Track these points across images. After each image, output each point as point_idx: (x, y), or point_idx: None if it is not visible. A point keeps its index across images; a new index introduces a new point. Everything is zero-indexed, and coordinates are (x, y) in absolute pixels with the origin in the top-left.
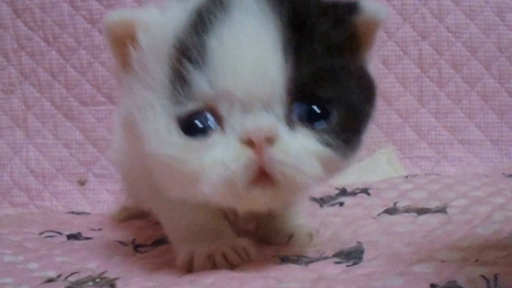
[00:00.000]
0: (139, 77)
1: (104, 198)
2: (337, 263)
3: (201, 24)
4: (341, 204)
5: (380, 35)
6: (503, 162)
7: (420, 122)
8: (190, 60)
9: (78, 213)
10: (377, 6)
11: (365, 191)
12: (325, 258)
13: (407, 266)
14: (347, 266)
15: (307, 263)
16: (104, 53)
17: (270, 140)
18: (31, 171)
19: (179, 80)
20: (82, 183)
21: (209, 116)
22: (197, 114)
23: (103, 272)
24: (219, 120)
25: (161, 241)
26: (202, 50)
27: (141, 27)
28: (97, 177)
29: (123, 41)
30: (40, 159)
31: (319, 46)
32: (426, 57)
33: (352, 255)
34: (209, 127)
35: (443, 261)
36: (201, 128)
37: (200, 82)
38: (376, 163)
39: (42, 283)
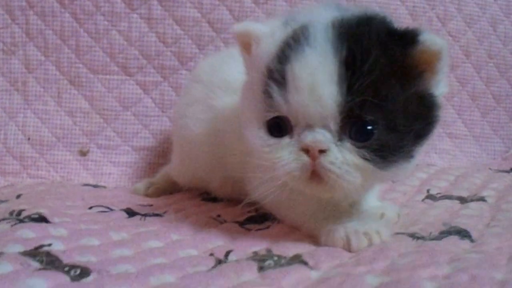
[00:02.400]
0: (248, 76)
1: (108, 171)
2: (461, 239)
3: (283, 55)
4: None
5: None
6: (482, 157)
7: None
8: (274, 80)
9: (94, 186)
10: (433, 39)
11: None
12: (443, 236)
13: None
14: (471, 242)
15: (437, 239)
16: (124, 21)
17: (322, 151)
18: (28, 139)
19: (267, 93)
20: (83, 153)
21: (282, 123)
22: (276, 121)
23: (264, 250)
24: (290, 128)
25: (256, 218)
26: (281, 75)
27: (254, 39)
28: (100, 148)
29: (245, 47)
30: (39, 126)
31: (368, 78)
32: None
33: (462, 233)
34: (281, 130)
35: None
36: (277, 131)
37: (278, 99)
38: None
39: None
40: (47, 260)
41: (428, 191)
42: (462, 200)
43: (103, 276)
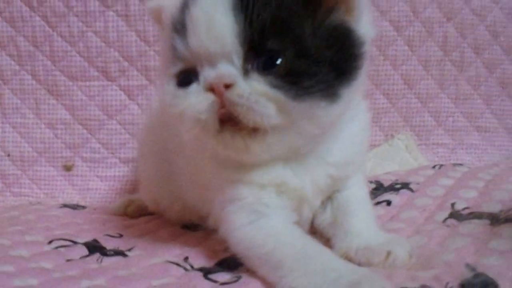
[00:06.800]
0: (161, 48)
1: (95, 186)
2: None
3: (183, 4)
4: (389, 203)
5: (407, 13)
6: None
7: (439, 108)
8: (176, 32)
9: (73, 207)
10: None
11: (406, 186)
12: None
13: None
14: None
15: None
16: (99, 21)
17: (227, 86)
18: (8, 155)
19: (173, 48)
20: (68, 168)
21: (191, 74)
22: (183, 71)
23: None
24: (197, 75)
25: (229, 261)
26: (182, 24)
27: (163, 11)
28: (86, 162)
29: (158, 20)
30: (19, 141)
31: (266, 8)
32: (450, 40)
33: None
34: (190, 81)
35: None
36: (185, 82)
37: (181, 48)
38: (395, 149)
39: None
40: None
41: (453, 205)
42: (494, 219)
43: None
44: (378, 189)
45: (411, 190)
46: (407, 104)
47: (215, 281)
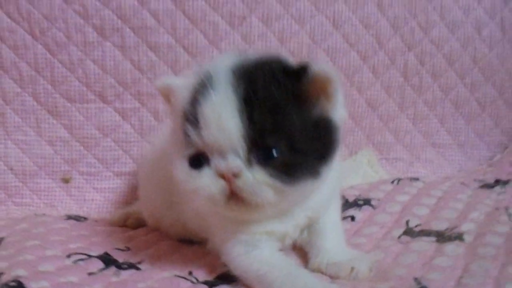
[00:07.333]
0: (171, 122)
1: (91, 197)
2: None
3: (194, 99)
4: (353, 218)
5: (373, 44)
6: (467, 165)
7: (399, 127)
8: (188, 122)
9: (76, 219)
10: (321, 68)
11: (368, 202)
12: None
13: None
14: None
15: None
16: (97, 50)
17: (235, 175)
18: (11, 169)
19: (185, 133)
20: (66, 180)
21: (201, 157)
22: (195, 155)
23: None
24: (207, 159)
25: (228, 275)
26: (194, 116)
27: (172, 92)
28: (82, 175)
29: (166, 98)
30: (20, 156)
31: (264, 110)
32: (411, 67)
33: None
34: (201, 163)
35: None
36: (197, 164)
37: (193, 136)
38: (357, 164)
39: None
40: None
41: (407, 222)
42: (440, 237)
43: None
44: (344, 204)
45: (372, 206)
46: (370, 124)
47: None
